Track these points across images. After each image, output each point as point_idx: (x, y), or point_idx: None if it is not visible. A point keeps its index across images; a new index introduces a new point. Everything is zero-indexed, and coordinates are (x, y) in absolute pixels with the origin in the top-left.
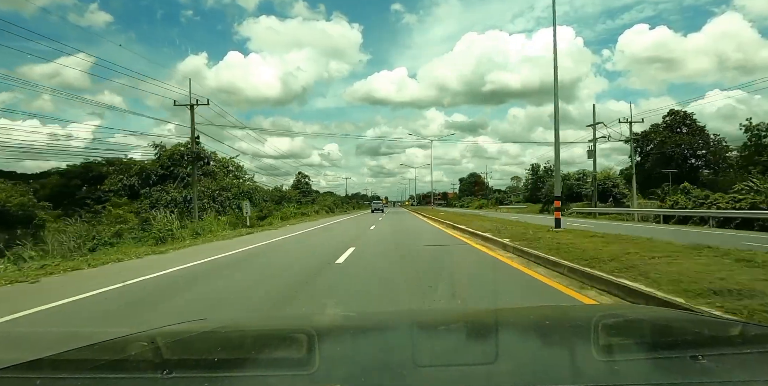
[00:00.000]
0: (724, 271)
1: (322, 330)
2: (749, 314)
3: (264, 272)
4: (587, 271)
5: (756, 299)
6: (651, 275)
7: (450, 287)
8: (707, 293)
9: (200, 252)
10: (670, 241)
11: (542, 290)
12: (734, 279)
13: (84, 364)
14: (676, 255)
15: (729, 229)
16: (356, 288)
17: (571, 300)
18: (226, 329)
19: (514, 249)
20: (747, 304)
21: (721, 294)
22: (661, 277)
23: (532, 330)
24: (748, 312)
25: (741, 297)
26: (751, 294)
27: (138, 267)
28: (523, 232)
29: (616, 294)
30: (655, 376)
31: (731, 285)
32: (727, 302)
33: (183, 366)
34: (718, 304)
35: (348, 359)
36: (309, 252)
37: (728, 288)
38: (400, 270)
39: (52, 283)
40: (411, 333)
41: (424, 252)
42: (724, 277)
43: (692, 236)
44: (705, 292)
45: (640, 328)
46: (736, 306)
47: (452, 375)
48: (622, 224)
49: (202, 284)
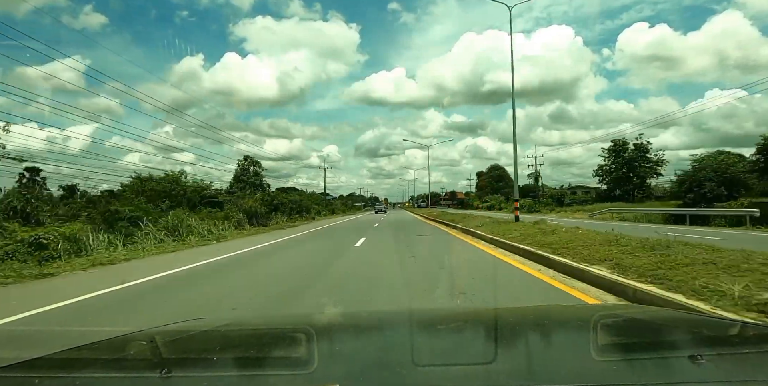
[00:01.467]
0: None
1: (321, 329)
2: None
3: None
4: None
5: (606, 262)
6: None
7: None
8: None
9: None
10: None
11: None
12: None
13: (83, 363)
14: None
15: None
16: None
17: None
18: (225, 328)
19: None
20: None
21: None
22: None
23: (531, 329)
24: (607, 268)
25: (602, 262)
26: (610, 262)
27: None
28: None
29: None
30: (654, 376)
31: (603, 256)
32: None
33: (182, 365)
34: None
35: (347, 358)
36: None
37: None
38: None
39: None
40: (410, 332)
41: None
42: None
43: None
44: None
45: (639, 328)
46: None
47: (451, 374)
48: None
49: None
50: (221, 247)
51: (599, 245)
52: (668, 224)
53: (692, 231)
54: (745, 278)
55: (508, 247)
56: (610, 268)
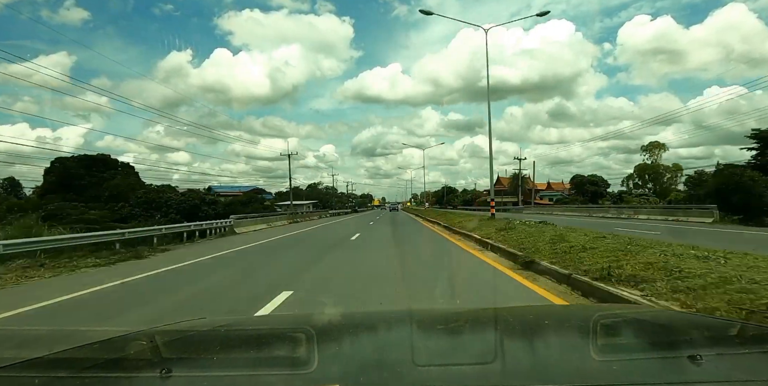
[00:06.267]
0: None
1: (320, 329)
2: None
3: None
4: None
5: (528, 250)
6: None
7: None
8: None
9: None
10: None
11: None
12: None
13: (83, 363)
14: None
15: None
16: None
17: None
18: (224, 328)
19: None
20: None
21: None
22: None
23: (530, 329)
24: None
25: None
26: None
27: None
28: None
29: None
30: (653, 376)
31: (528, 245)
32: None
33: (182, 365)
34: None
35: (346, 358)
36: None
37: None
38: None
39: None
40: (409, 332)
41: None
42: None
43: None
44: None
45: (638, 328)
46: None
47: (451, 374)
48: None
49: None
50: None
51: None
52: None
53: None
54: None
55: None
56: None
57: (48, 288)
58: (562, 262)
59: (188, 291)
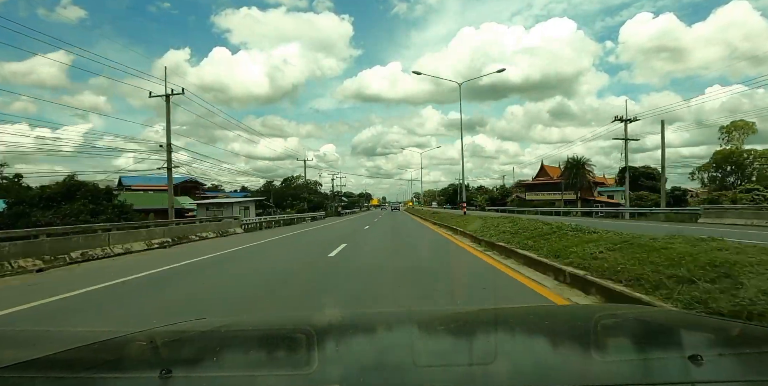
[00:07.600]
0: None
1: (321, 330)
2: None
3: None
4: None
5: (514, 243)
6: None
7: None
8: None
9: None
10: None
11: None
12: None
13: (82, 363)
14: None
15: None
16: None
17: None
18: (225, 328)
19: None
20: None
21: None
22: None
23: (531, 330)
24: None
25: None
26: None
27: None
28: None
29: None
30: (654, 376)
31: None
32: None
33: (182, 365)
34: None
35: (347, 359)
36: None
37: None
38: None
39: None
40: (410, 332)
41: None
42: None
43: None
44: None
45: (639, 328)
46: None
47: (451, 374)
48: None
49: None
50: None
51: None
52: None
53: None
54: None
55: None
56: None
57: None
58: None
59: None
